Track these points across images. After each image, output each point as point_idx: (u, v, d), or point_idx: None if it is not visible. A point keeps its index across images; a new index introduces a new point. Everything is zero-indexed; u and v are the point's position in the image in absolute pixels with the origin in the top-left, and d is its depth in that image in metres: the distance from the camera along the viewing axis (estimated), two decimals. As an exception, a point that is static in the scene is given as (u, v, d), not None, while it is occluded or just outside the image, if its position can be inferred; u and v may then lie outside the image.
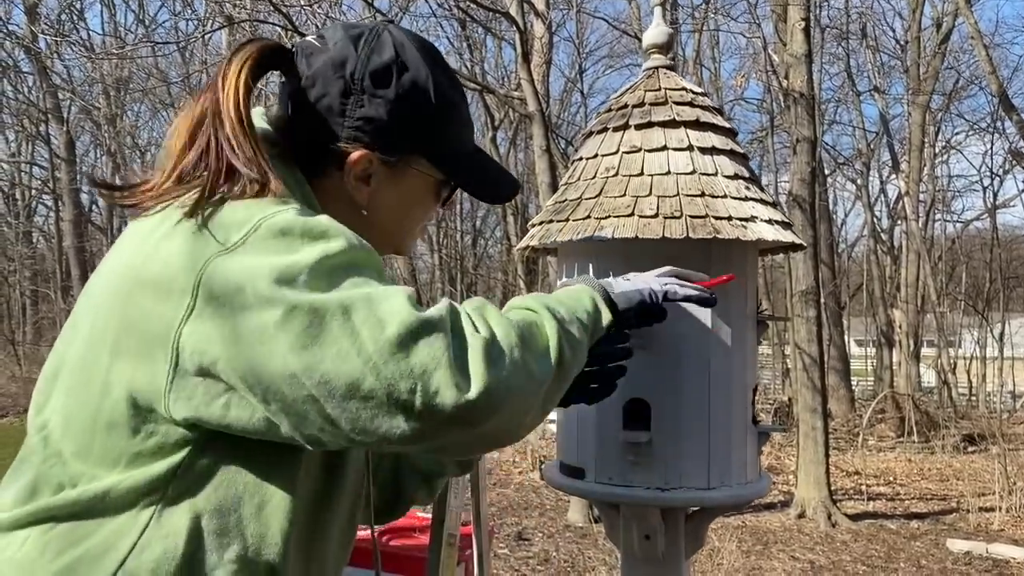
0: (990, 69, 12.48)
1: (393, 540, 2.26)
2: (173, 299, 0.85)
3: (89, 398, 0.91)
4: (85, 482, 0.90)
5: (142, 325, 0.87)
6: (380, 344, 0.80)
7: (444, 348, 0.82)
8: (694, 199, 1.42)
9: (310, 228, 0.87)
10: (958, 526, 7.93)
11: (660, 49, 1.61)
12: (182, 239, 0.87)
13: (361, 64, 1.02)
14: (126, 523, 0.88)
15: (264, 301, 0.81)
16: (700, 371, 1.44)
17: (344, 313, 0.81)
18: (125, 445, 0.89)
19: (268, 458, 0.93)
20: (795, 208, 8.65)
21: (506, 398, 0.85)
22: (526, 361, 0.89)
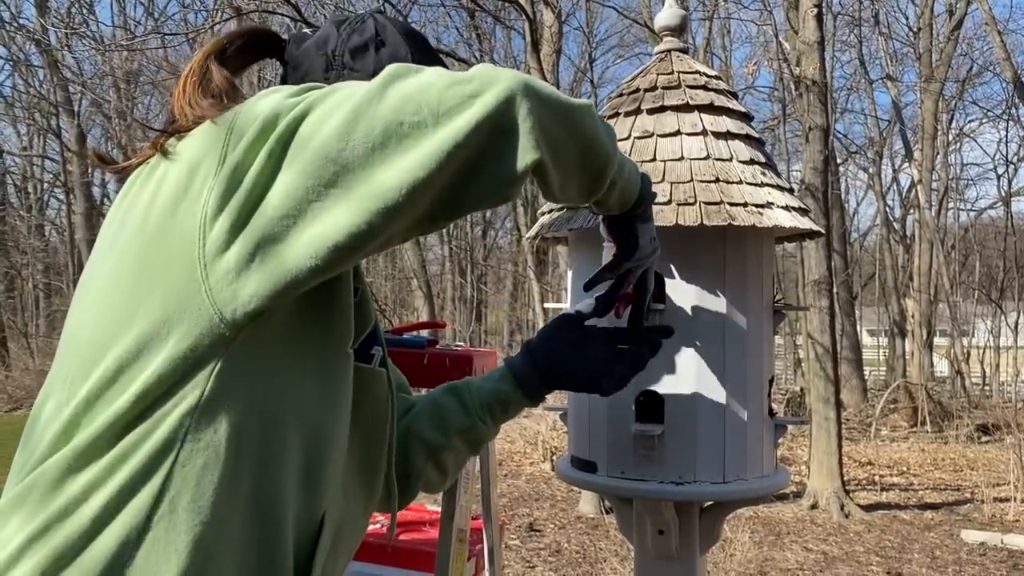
0: (1004, 55, 12.36)
1: (403, 535, 2.24)
2: (199, 176, 0.84)
3: (116, 324, 0.85)
4: (108, 405, 0.83)
5: (170, 220, 0.85)
6: (372, 94, 0.81)
7: (438, 72, 0.83)
8: (708, 185, 1.38)
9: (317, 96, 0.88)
10: (972, 517, 7.88)
11: (673, 31, 1.56)
12: (194, 146, 0.88)
13: (342, 42, 1.06)
14: (166, 435, 0.82)
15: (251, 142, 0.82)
16: (715, 362, 1.40)
17: (313, 106, 0.83)
18: (158, 351, 0.83)
19: (307, 369, 0.90)
20: (807, 197, 8.58)
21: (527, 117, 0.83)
22: (542, 96, 0.86)
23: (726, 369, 1.40)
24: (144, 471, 0.82)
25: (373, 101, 0.80)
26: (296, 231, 0.80)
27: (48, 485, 0.84)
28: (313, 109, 0.82)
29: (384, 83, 0.82)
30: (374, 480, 1.07)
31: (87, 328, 0.89)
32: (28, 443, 0.90)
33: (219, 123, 0.87)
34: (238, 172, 0.82)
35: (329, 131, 0.79)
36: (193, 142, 0.89)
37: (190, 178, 0.85)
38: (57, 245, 23.51)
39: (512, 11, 11.79)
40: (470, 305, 23.49)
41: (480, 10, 13.82)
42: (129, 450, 0.83)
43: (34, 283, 22.60)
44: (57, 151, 20.57)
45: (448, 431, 1.18)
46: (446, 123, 0.79)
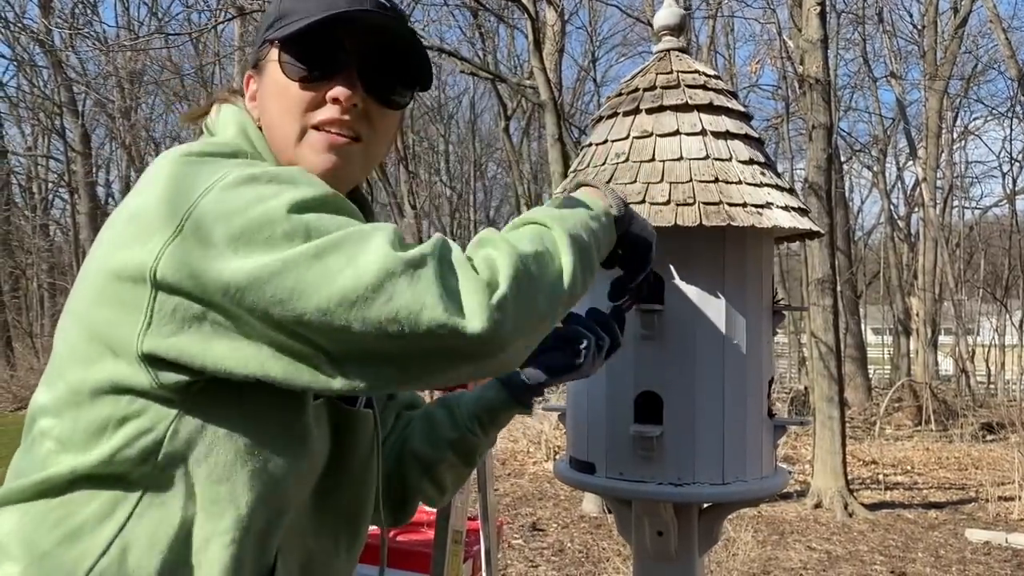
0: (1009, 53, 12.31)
1: (400, 535, 2.24)
2: (153, 237, 0.84)
3: (75, 366, 0.91)
4: (75, 453, 0.90)
5: (118, 270, 0.86)
6: (361, 291, 0.79)
7: (431, 286, 0.80)
8: (707, 185, 1.37)
9: (277, 174, 0.87)
10: (977, 516, 7.85)
11: (672, 31, 1.56)
12: (154, 190, 0.87)
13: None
14: (122, 493, 0.88)
15: (237, 257, 0.80)
16: (714, 363, 1.39)
17: (320, 259, 0.80)
18: (111, 411, 0.89)
19: (260, 427, 0.91)
20: (811, 195, 8.56)
21: (512, 330, 0.84)
22: (533, 300, 0.86)
23: (725, 370, 1.40)
24: (100, 517, 0.88)
25: (359, 304, 0.79)
26: (245, 351, 0.84)
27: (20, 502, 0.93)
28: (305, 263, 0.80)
29: (375, 284, 0.79)
30: (360, 517, 1.08)
31: (62, 355, 0.94)
32: (25, 448, 0.97)
33: (172, 194, 0.85)
34: (198, 274, 0.82)
35: (315, 305, 0.79)
36: (140, 203, 0.87)
37: (145, 235, 0.85)
38: (62, 245, 23.54)
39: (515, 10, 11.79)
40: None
41: (483, 9, 13.82)
42: (90, 497, 0.89)
43: (39, 283, 22.65)
44: (61, 151, 20.60)
45: (439, 444, 1.19)
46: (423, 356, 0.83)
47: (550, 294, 0.89)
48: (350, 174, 1.01)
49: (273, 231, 0.81)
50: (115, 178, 23.19)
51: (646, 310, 1.37)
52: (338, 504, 1.04)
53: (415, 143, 19.89)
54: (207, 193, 0.83)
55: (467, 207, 24.25)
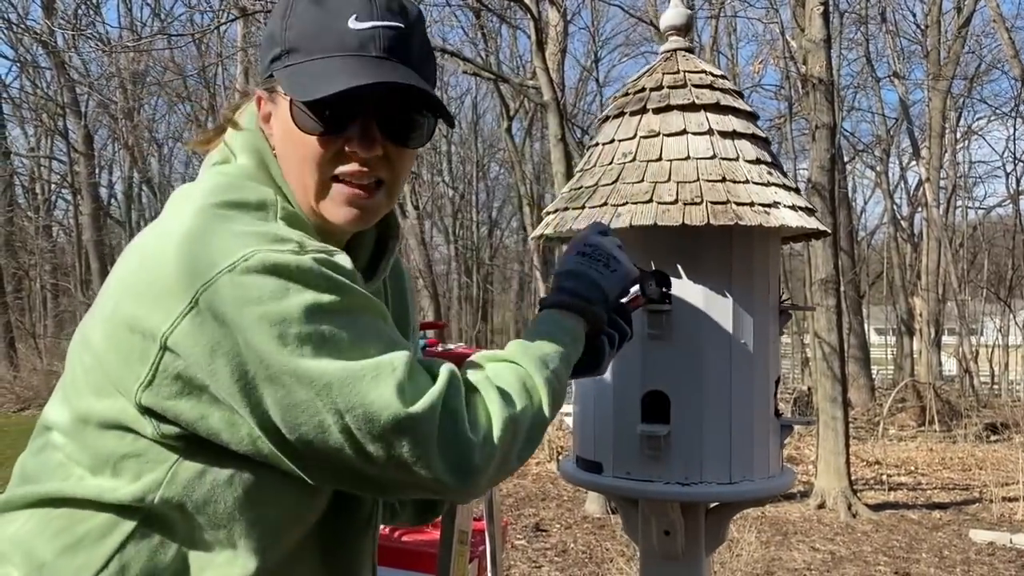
0: (1012, 53, 12.30)
1: (405, 536, 2.24)
2: (168, 302, 0.84)
3: (86, 394, 0.92)
4: (76, 480, 0.91)
5: (131, 322, 0.87)
6: (364, 433, 0.83)
7: (431, 449, 0.85)
8: (715, 184, 1.37)
9: (305, 268, 0.85)
10: (981, 516, 7.83)
11: (678, 31, 1.56)
12: (172, 247, 0.87)
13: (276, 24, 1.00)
14: (120, 517, 0.90)
15: (252, 351, 0.82)
16: (721, 362, 1.39)
17: (328, 392, 0.82)
18: (115, 446, 0.90)
19: (259, 476, 0.91)
20: (814, 196, 8.55)
21: (486, 484, 0.92)
22: (514, 451, 0.93)
23: (732, 369, 1.40)
24: (102, 532, 0.90)
25: (357, 440, 0.83)
26: (242, 434, 0.87)
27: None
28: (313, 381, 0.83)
29: (380, 433, 0.84)
30: (366, 556, 1.08)
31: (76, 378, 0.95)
32: (29, 450, 0.98)
33: (189, 261, 0.85)
34: (206, 358, 0.83)
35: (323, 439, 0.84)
36: (158, 259, 0.87)
37: (150, 303, 0.85)
38: (64, 246, 23.58)
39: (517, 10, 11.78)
40: (476, 305, 23.50)
41: (486, 9, 13.82)
42: (91, 513, 0.91)
43: (42, 284, 22.68)
44: (64, 152, 20.62)
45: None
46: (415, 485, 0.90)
47: (526, 445, 0.95)
48: (374, 218, 1.01)
49: (287, 332, 0.82)
50: (118, 179, 23.25)
51: (654, 310, 1.37)
52: (339, 548, 1.04)
53: (418, 144, 19.84)
54: (228, 272, 0.83)
55: (469, 207, 24.25)
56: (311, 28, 0.94)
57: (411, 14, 0.97)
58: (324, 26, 0.94)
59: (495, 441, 0.89)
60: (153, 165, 21.37)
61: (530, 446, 0.95)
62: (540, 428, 0.96)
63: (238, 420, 0.85)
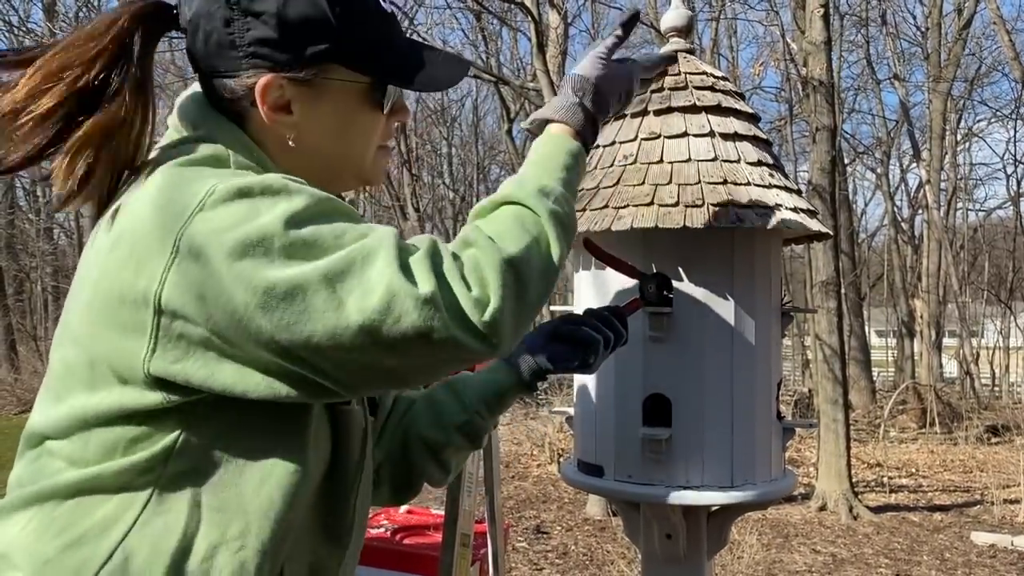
0: (1013, 55, 12.31)
1: (407, 539, 2.24)
2: (152, 260, 0.83)
3: (78, 390, 0.91)
4: (82, 466, 0.90)
5: (119, 294, 0.85)
6: (368, 315, 0.80)
7: (436, 307, 0.82)
8: (716, 187, 1.37)
9: (268, 184, 0.85)
10: (982, 518, 7.83)
11: (680, 32, 1.55)
12: (144, 207, 0.86)
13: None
14: (127, 499, 0.88)
15: (240, 279, 0.80)
16: (723, 365, 1.39)
17: (327, 284, 0.80)
18: (121, 433, 0.89)
19: (267, 432, 0.91)
20: (815, 198, 8.54)
21: (510, 332, 0.88)
22: (528, 294, 0.89)
23: (734, 372, 1.39)
24: (105, 524, 0.88)
25: (364, 327, 0.81)
26: (253, 377, 0.86)
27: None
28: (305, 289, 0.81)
29: (382, 307, 0.81)
30: (359, 516, 1.07)
31: (61, 376, 0.93)
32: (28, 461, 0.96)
33: (171, 196, 0.84)
34: (198, 302, 0.82)
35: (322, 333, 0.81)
36: (133, 223, 0.86)
37: (136, 264, 0.84)
38: (65, 248, 23.58)
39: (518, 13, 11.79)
40: (477, 307, 23.46)
41: (486, 12, 13.83)
42: (95, 504, 0.89)
43: (43, 286, 22.68)
44: (65, 154, 20.59)
45: (446, 428, 1.18)
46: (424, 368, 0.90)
47: (540, 285, 0.91)
48: None
49: (271, 247, 0.80)
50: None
51: (655, 312, 1.37)
52: (338, 506, 1.03)
53: (418, 146, 19.91)
54: (199, 212, 0.82)
55: (470, 209, 24.25)
56: (361, 6, 0.96)
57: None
58: (368, 5, 0.97)
59: (498, 290, 0.86)
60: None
61: (544, 285, 0.91)
62: (552, 266, 0.92)
63: (248, 367, 0.84)
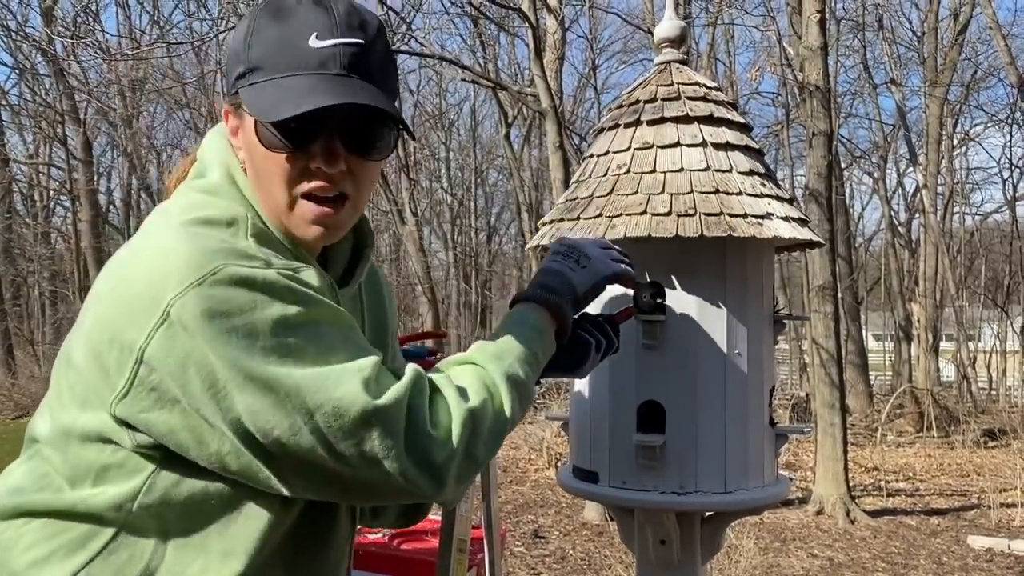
0: (1009, 60, 12.35)
1: (404, 544, 2.25)
2: (142, 315, 0.87)
3: (70, 407, 0.95)
4: (54, 491, 0.94)
5: (111, 335, 0.89)
6: (334, 430, 0.85)
7: (395, 441, 0.87)
8: (708, 196, 1.39)
9: (271, 282, 0.88)
10: (979, 522, 7.84)
11: (672, 43, 1.57)
12: (147, 262, 0.90)
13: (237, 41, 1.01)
14: (95, 529, 0.92)
15: (225, 358, 0.84)
16: (716, 372, 1.40)
17: (298, 394, 0.85)
18: (96, 457, 0.93)
19: (238, 482, 0.93)
20: (811, 202, 8.57)
21: (455, 483, 0.94)
22: (478, 447, 0.94)
23: (727, 379, 1.41)
24: (73, 547, 0.92)
25: (329, 438, 0.86)
26: (213, 449, 0.89)
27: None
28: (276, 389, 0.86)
29: (350, 428, 0.86)
30: (321, 551, 1.08)
31: (60, 393, 0.97)
32: (24, 459, 1.01)
33: (161, 275, 0.88)
34: (178, 377, 0.86)
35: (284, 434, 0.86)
36: (135, 274, 0.90)
37: (120, 329, 0.88)
38: (63, 253, 23.55)
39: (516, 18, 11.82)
40: (475, 311, 23.50)
41: (484, 17, 13.86)
42: (65, 527, 0.93)
43: (40, 290, 22.67)
44: (63, 159, 20.62)
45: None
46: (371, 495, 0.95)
47: (490, 441, 0.97)
48: (341, 233, 1.04)
49: (254, 343, 0.85)
50: (116, 186, 23.25)
51: (648, 320, 1.38)
52: (314, 545, 1.04)
53: (416, 150, 19.93)
54: (197, 286, 0.85)
55: (468, 214, 24.27)
56: (272, 47, 0.96)
57: (371, 27, 0.98)
58: (285, 44, 0.96)
59: (455, 438, 0.91)
60: (152, 172, 21.39)
61: (494, 441, 0.97)
62: (502, 423, 0.98)
63: (207, 436, 0.88)
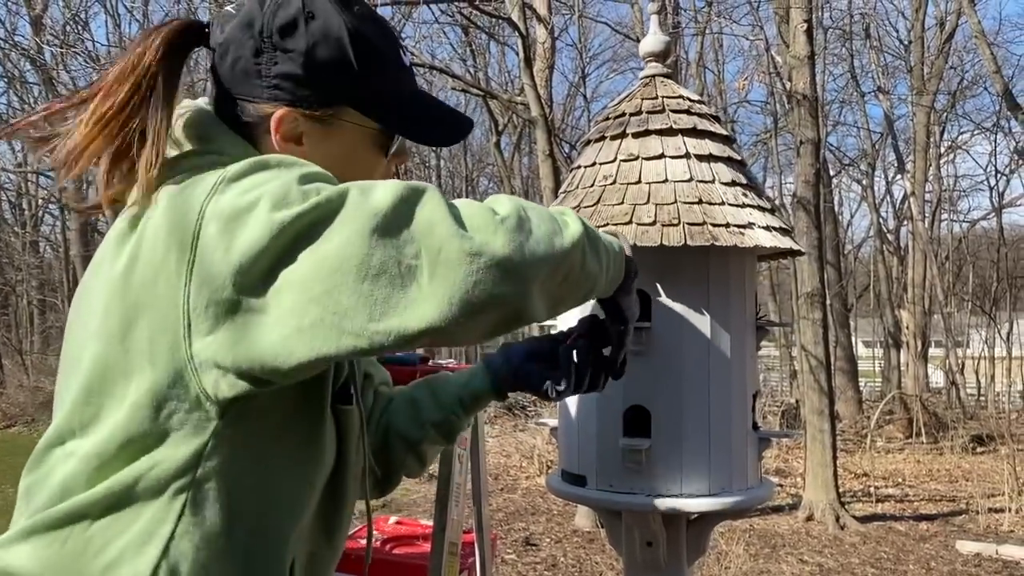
0: (994, 68, 12.46)
1: (396, 548, 2.27)
2: (174, 255, 0.85)
3: (109, 385, 0.91)
4: (112, 473, 0.89)
5: (150, 299, 0.87)
6: (378, 219, 0.80)
7: (442, 208, 0.82)
8: (692, 206, 1.42)
9: (282, 158, 0.90)
10: (967, 527, 7.89)
11: (657, 57, 1.61)
12: (162, 212, 0.88)
13: (267, 20, 0.98)
14: (161, 510, 0.88)
15: (260, 223, 0.81)
16: (700, 378, 1.44)
17: (334, 208, 0.81)
18: (149, 427, 0.89)
19: (288, 436, 0.95)
20: (799, 210, 8.64)
21: (527, 268, 0.84)
22: (537, 227, 0.87)
23: (711, 384, 1.44)
24: (140, 542, 0.88)
25: (377, 232, 0.80)
26: (284, 332, 0.82)
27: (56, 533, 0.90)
28: (329, 212, 0.82)
29: (394, 208, 0.82)
30: (347, 510, 1.12)
31: (84, 376, 0.92)
32: (38, 472, 0.95)
33: (183, 196, 0.88)
34: (224, 259, 0.82)
35: (346, 240, 0.80)
36: (160, 215, 0.89)
37: (166, 255, 0.86)
38: (52, 261, 23.48)
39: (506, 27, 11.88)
40: (466, 319, 23.45)
41: (474, 27, 13.93)
42: (126, 522, 0.89)
43: (29, 300, 22.56)
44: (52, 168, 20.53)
45: (423, 425, 1.24)
46: (441, 279, 0.80)
47: (554, 234, 0.89)
48: None
49: (290, 195, 0.82)
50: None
51: (635, 327, 1.42)
52: (339, 501, 1.08)
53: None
54: (213, 194, 0.85)
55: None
56: (384, 60, 1.02)
57: None
58: (392, 57, 1.04)
59: (509, 207, 0.87)
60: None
61: (561, 239, 0.89)
62: (564, 229, 0.90)
63: (280, 328, 0.82)
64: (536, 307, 0.88)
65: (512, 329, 0.89)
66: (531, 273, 0.84)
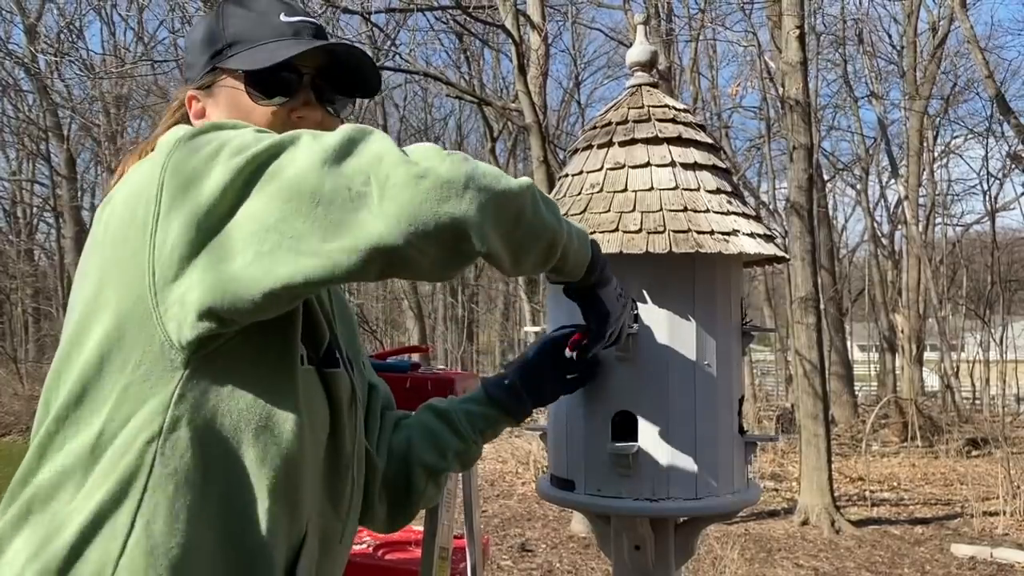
0: (986, 73, 12.54)
1: (388, 554, 2.28)
2: (141, 209, 0.91)
3: (79, 347, 0.94)
4: (84, 427, 0.91)
5: (118, 255, 0.92)
6: (328, 153, 0.86)
7: (389, 142, 0.88)
8: (677, 214, 1.44)
9: (236, 122, 0.98)
10: (962, 531, 7.92)
11: (643, 67, 1.63)
12: (129, 177, 0.98)
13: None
14: (132, 463, 0.89)
15: (219, 167, 0.88)
16: (686, 383, 1.45)
17: (286, 147, 0.88)
18: (117, 378, 0.91)
19: (260, 384, 0.96)
20: (793, 215, 8.69)
21: (462, 181, 0.86)
22: (485, 167, 0.91)
23: (697, 389, 1.46)
24: (116, 497, 0.89)
25: (328, 164, 0.85)
26: (245, 260, 0.86)
27: (40, 505, 0.91)
28: (281, 150, 0.89)
29: (343, 144, 0.87)
30: (343, 476, 1.12)
31: (63, 338, 0.98)
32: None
33: (147, 160, 0.97)
34: (187, 206, 0.88)
35: (298, 172, 0.86)
36: (127, 181, 0.98)
37: (133, 212, 0.92)
38: (47, 269, 23.46)
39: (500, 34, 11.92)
40: (461, 325, 23.52)
41: (468, 34, 13.97)
42: (100, 478, 0.90)
43: (23, 308, 22.53)
44: (47, 175, 20.58)
45: (446, 455, 1.28)
46: (391, 200, 0.84)
47: (500, 176, 0.92)
48: None
49: (245, 141, 0.90)
50: (100, 202, 23.14)
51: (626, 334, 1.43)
52: (336, 468, 1.09)
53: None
54: (184, 141, 0.92)
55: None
56: (249, 23, 1.13)
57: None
58: (260, 21, 1.13)
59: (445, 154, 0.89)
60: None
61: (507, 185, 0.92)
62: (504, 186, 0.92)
63: (245, 257, 0.86)
64: (489, 238, 0.90)
65: (467, 260, 0.90)
66: (477, 197, 0.87)
